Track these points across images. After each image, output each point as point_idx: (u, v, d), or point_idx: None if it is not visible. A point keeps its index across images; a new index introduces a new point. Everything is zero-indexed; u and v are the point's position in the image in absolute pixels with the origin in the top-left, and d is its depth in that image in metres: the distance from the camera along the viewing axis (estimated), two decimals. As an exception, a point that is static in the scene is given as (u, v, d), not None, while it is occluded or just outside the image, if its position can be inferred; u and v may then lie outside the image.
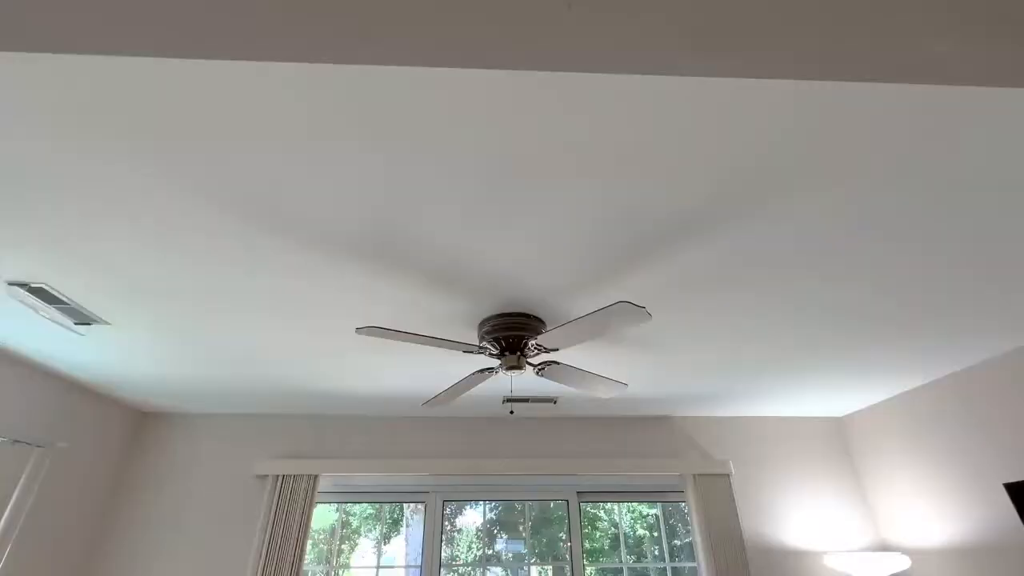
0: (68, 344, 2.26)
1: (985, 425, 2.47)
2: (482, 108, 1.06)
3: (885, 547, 3.07)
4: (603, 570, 4.27)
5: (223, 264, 1.64)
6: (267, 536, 2.83)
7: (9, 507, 2.33)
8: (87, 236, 1.51)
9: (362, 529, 4.57)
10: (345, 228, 1.46)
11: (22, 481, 2.40)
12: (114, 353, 2.36)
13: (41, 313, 1.93)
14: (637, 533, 4.03)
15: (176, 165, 1.22)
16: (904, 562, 2.67)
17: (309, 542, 2.89)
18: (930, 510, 2.77)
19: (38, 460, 2.47)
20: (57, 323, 2.03)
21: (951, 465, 2.64)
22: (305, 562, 2.86)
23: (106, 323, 2.05)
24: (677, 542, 3.41)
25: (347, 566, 3.42)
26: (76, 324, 2.06)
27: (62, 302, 1.88)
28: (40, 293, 1.82)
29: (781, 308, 1.94)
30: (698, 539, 2.99)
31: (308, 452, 3.20)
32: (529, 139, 1.14)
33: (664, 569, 3.31)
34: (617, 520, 3.68)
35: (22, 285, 1.77)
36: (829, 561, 2.83)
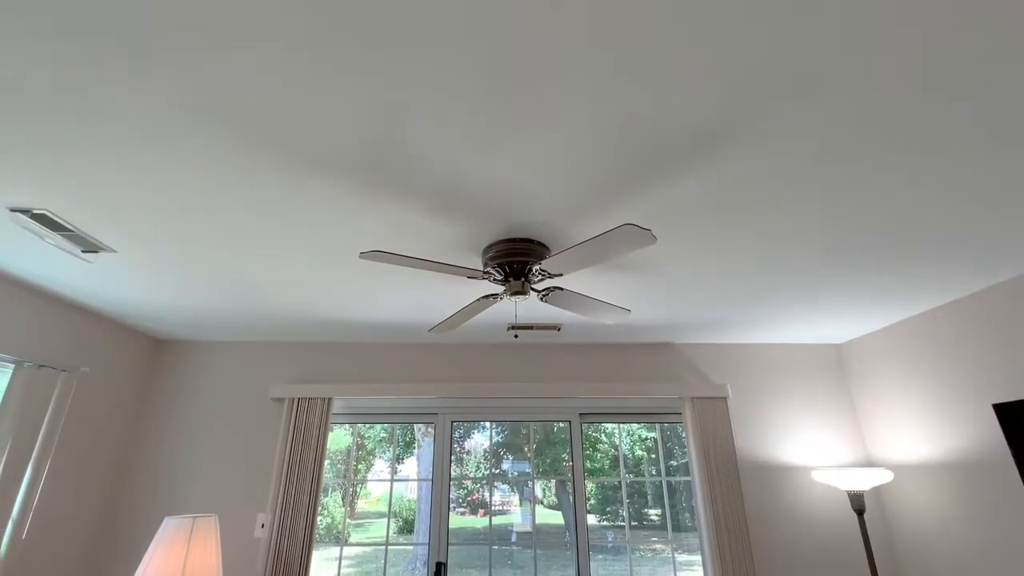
0: (80, 273, 2.30)
1: (978, 350, 2.51)
2: (488, 13, 0.99)
3: (871, 463, 3.23)
4: (603, 486, 4.55)
5: (224, 191, 1.62)
6: (287, 455, 3.01)
7: (43, 428, 2.46)
8: (86, 162, 1.49)
9: (376, 451, 4.83)
10: (346, 151, 1.42)
11: (52, 404, 2.52)
12: (124, 281, 2.39)
13: (47, 240, 1.94)
14: (636, 454, 4.27)
15: (175, 85, 1.17)
16: (887, 476, 2.82)
17: (327, 462, 3.07)
18: (918, 429, 2.88)
19: (64, 384, 2.58)
20: (65, 250, 2.04)
21: (943, 388, 2.72)
22: (324, 479, 3.05)
23: (112, 251, 2.07)
24: (673, 463, 3.60)
25: (364, 481, 3.66)
26: (84, 252, 2.07)
27: (66, 229, 1.88)
28: (43, 219, 1.81)
29: (784, 234, 1.92)
30: (693, 456, 3.16)
31: (321, 377, 3.32)
32: (531, 50, 1.07)
33: (660, 483, 3.52)
34: (617, 443, 3.88)
35: (24, 211, 1.77)
36: (816, 476, 2.99)
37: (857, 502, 2.89)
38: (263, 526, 2.96)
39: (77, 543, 2.76)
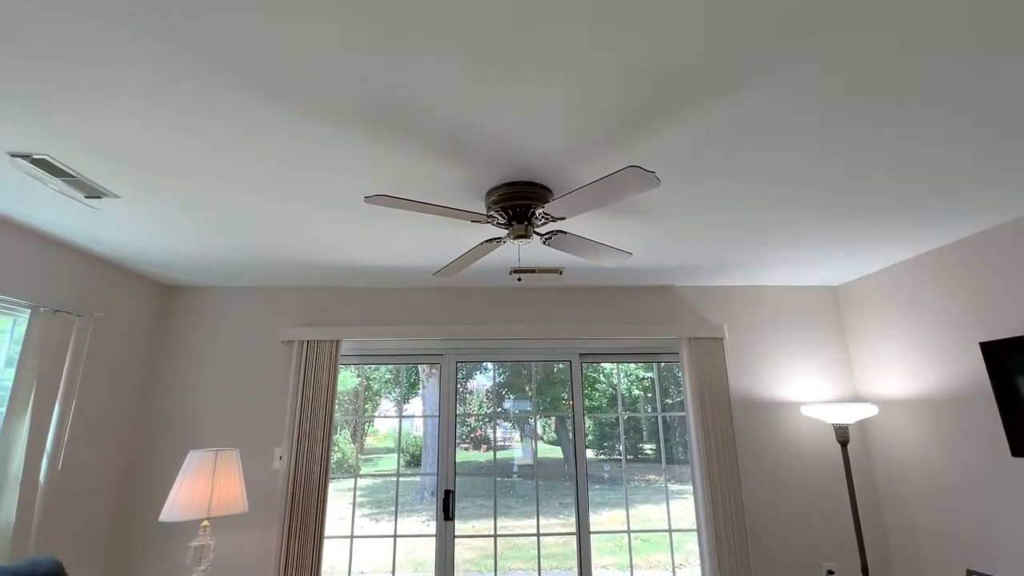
0: (86, 220, 2.31)
1: (967, 292, 2.57)
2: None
3: (858, 399, 3.38)
4: (600, 423, 4.77)
5: (226, 135, 1.61)
6: (299, 394, 3.14)
7: (65, 370, 2.56)
8: (87, 106, 1.47)
9: (382, 391, 5.00)
10: (348, 97, 1.40)
11: (71, 347, 2.60)
12: (129, 227, 2.41)
13: (50, 186, 1.94)
14: (632, 394, 4.45)
15: (178, 26, 1.15)
16: (872, 410, 2.96)
17: (335, 402, 3.21)
18: (905, 367, 2.99)
19: (80, 329, 2.66)
20: (68, 196, 2.04)
21: (932, 327, 2.80)
22: (335, 415, 3.20)
23: (115, 196, 2.07)
24: (668, 401, 3.76)
25: (372, 419, 3.83)
26: (87, 198, 2.07)
27: (68, 174, 1.88)
28: (44, 165, 1.81)
29: (785, 178, 1.92)
30: (688, 394, 3.29)
31: (329, 320, 3.40)
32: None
33: (656, 420, 3.70)
34: (615, 382, 4.04)
35: (24, 156, 1.76)
36: (805, 410, 3.14)
37: (842, 434, 3.05)
38: (281, 458, 3.14)
39: (107, 473, 2.94)
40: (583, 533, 3.26)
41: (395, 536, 3.32)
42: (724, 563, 2.99)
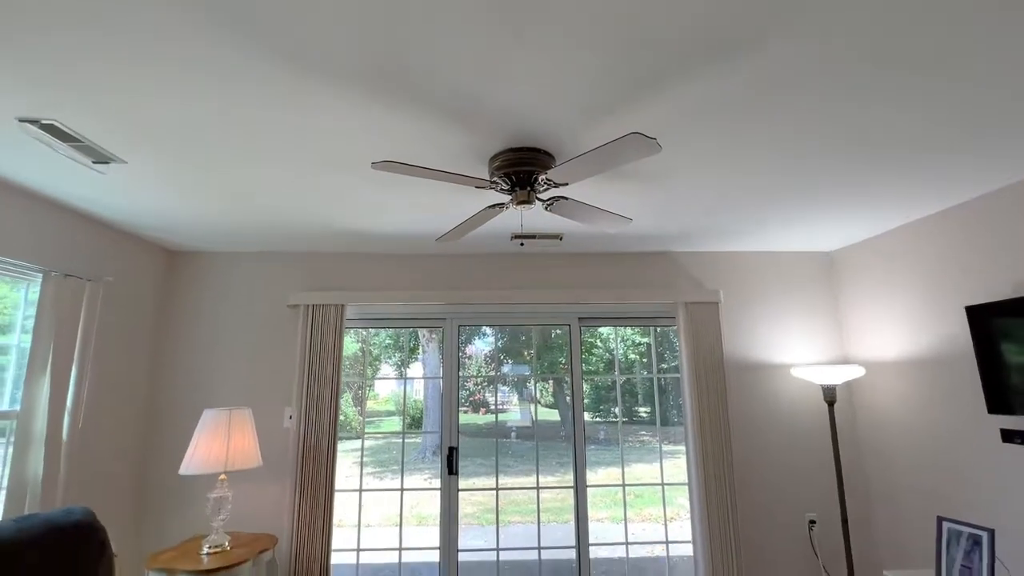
0: (93, 184, 2.33)
1: (955, 257, 2.65)
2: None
3: (846, 361, 3.50)
4: (597, 386, 4.91)
5: (233, 102, 1.63)
6: (307, 356, 3.24)
7: (80, 332, 2.64)
8: (94, 72, 1.49)
9: (382, 356, 5.10)
10: (352, 62, 1.42)
11: (83, 310, 2.67)
12: (136, 193, 2.44)
13: (59, 151, 1.97)
14: (629, 358, 4.57)
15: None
16: (859, 371, 3.08)
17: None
18: (894, 330, 3.10)
19: (92, 293, 2.72)
20: (77, 161, 2.07)
21: (920, 291, 2.89)
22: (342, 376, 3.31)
23: (123, 161, 2.09)
24: (664, 365, 3.88)
25: (372, 383, 3.94)
26: (95, 163, 2.10)
27: (76, 139, 1.90)
28: (52, 130, 1.83)
29: (785, 145, 1.95)
30: (684, 357, 3.40)
31: (335, 285, 3.47)
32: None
33: (652, 383, 3.83)
34: (612, 347, 4.15)
35: (33, 121, 1.78)
36: (795, 372, 3.26)
37: (829, 394, 3.18)
38: (291, 418, 3.26)
39: (127, 431, 3.06)
40: (580, 487, 3.43)
41: (401, 489, 3.49)
42: (712, 514, 3.18)
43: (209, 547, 2.60)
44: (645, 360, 4.02)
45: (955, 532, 2.18)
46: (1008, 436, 2.35)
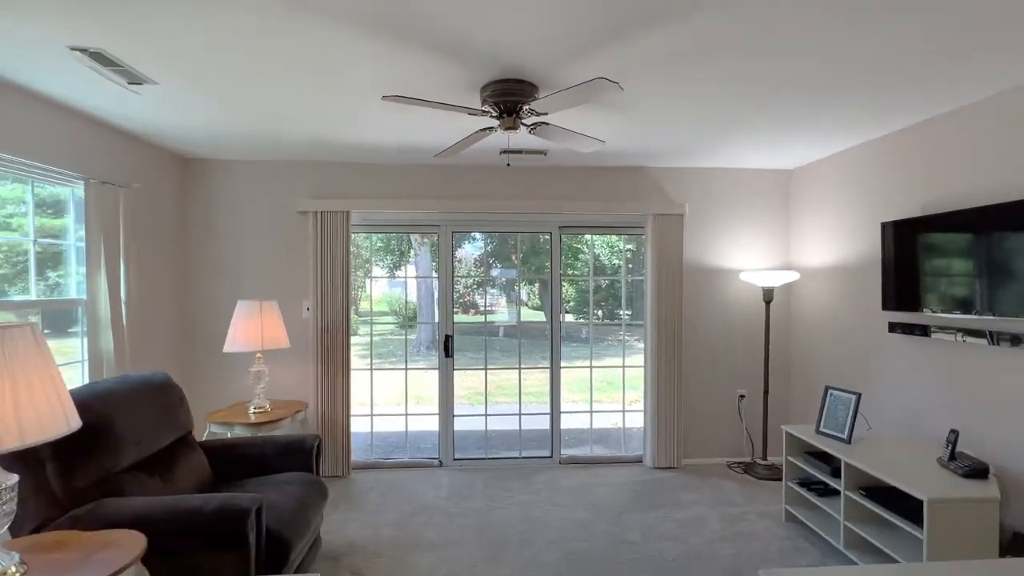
0: (122, 101, 2.59)
1: (882, 180, 3.08)
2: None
3: (788, 268, 4.05)
4: (581, 290, 5.46)
5: (257, 34, 1.90)
6: (318, 257, 3.69)
7: (122, 234, 3.02)
8: (143, 4, 1.73)
9: (373, 259, 5.53)
10: (361, 3, 1.69)
11: (121, 214, 3.03)
12: (162, 108, 2.71)
13: (104, 74, 2.23)
14: (613, 263, 5.04)
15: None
16: (794, 276, 3.64)
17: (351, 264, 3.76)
18: (827, 240, 3.61)
19: (126, 199, 3.06)
20: (113, 82, 2.33)
21: (854, 209, 3.35)
22: (351, 273, 3.79)
23: (154, 83, 2.36)
24: (645, 270, 4.38)
25: (374, 280, 4.39)
26: (129, 84, 2.36)
27: (116, 64, 2.16)
28: (98, 57, 2.09)
29: (744, 77, 2.27)
30: (648, 261, 3.92)
31: (340, 193, 3.82)
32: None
33: (629, 286, 4.37)
34: (597, 253, 4.60)
35: (83, 50, 2.03)
36: (743, 276, 3.81)
37: (768, 294, 3.76)
38: (308, 310, 3.79)
39: (172, 317, 3.58)
40: (555, 369, 4.11)
41: (406, 369, 4.15)
42: (662, 389, 3.89)
43: (254, 408, 3.24)
44: (631, 265, 4.51)
45: (834, 396, 2.85)
46: (892, 327, 2.95)
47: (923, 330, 2.75)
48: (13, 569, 1.41)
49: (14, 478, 1.45)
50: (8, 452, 1.32)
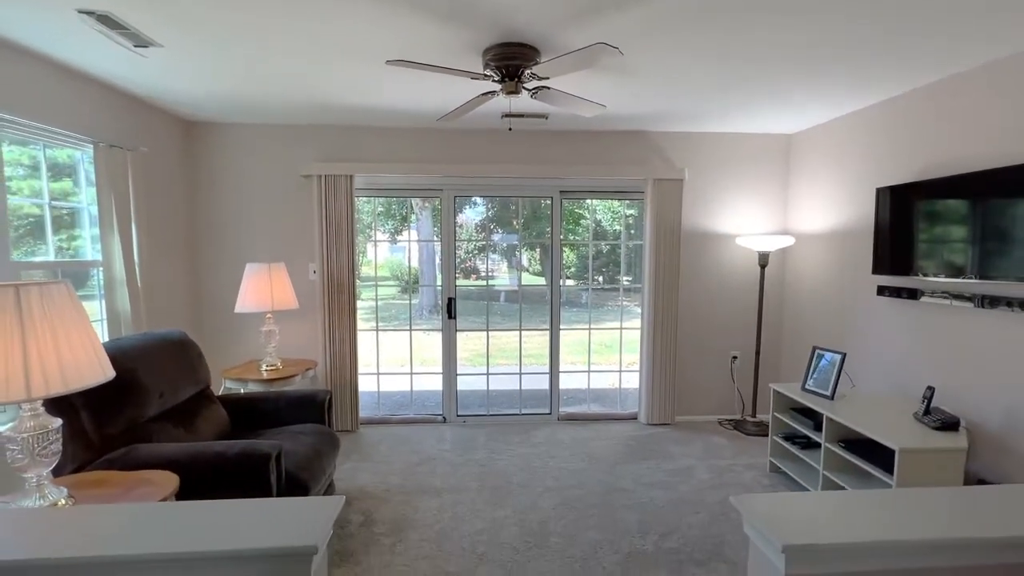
0: (128, 64, 2.62)
1: (877, 146, 3.11)
2: None
3: (785, 233, 4.12)
4: (582, 256, 5.53)
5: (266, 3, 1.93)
6: (323, 219, 3.76)
7: (132, 197, 3.09)
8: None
9: (374, 224, 5.62)
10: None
11: (130, 177, 3.10)
12: (168, 71, 2.73)
13: (111, 37, 2.25)
14: (615, 229, 5.10)
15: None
16: (790, 240, 3.71)
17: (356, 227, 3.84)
18: (823, 206, 3.67)
19: (134, 162, 3.12)
20: (120, 45, 2.35)
21: (851, 174, 3.40)
22: (355, 236, 3.87)
23: (160, 46, 2.39)
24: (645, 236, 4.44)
25: (376, 243, 4.45)
26: (136, 47, 2.39)
27: (123, 27, 2.18)
28: (105, 20, 2.11)
29: (745, 40, 2.29)
30: (647, 225, 3.99)
31: (344, 156, 3.86)
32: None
33: (630, 251, 4.45)
34: (599, 218, 4.66)
35: (90, 13, 2.05)
36: (739, 241, 3.88)
37: (763, 259, 3.85)
38: (315, 272, 3.89)
39: (183, 279, 3.69)
40: (555, 332, 4.24)
41: (410, 330, 4.29)
42: (658, 348, 4.03)
43: (266, 366, 3.39)
44: (633, 231, 4.57)
45: (821, 355, 2.98)
46: (880, 290, 3.05)
47: (911, 293, 2.85)
48: (63, 501, 1.57)
49: (58, 421, 1.59)
50: (52, 397, 1.45)
